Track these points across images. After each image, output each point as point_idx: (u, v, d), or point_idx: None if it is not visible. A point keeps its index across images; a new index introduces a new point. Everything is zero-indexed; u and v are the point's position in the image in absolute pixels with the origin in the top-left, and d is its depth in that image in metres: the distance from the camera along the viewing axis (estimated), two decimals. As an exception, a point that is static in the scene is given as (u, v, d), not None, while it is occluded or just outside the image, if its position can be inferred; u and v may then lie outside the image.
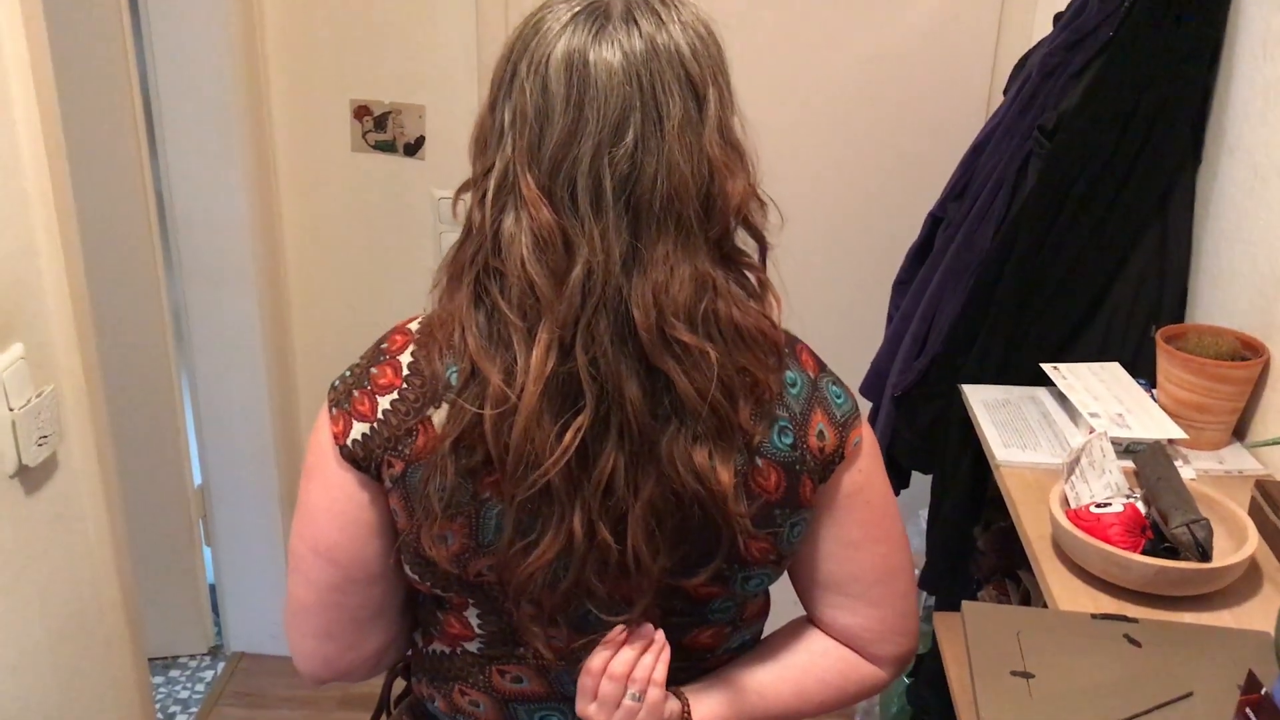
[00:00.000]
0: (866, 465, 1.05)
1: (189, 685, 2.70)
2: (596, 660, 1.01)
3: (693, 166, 0.91)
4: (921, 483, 1.95)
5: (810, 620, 1.13)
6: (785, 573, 1.09)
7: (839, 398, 1.03)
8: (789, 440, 0.98)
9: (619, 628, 1.00)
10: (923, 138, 2.30)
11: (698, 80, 0.92)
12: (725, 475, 0.94)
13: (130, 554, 1.74)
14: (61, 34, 1.54)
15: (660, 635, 1.01)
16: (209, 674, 2.74)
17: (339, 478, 1.01)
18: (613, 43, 0.90)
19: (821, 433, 1.00)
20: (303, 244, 2.51)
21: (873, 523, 1.06)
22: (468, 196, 0.97)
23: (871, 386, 2.01)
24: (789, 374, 1.00)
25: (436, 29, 2.31)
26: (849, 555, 1.06)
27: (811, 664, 1.11)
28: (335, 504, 1.02)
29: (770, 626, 1.17)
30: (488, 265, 0.94)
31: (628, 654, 1.00)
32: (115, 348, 2.24)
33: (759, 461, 0.97)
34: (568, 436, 0.92)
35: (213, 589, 2.80)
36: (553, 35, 0.91)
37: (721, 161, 0.93)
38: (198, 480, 2.67)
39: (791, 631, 1.14)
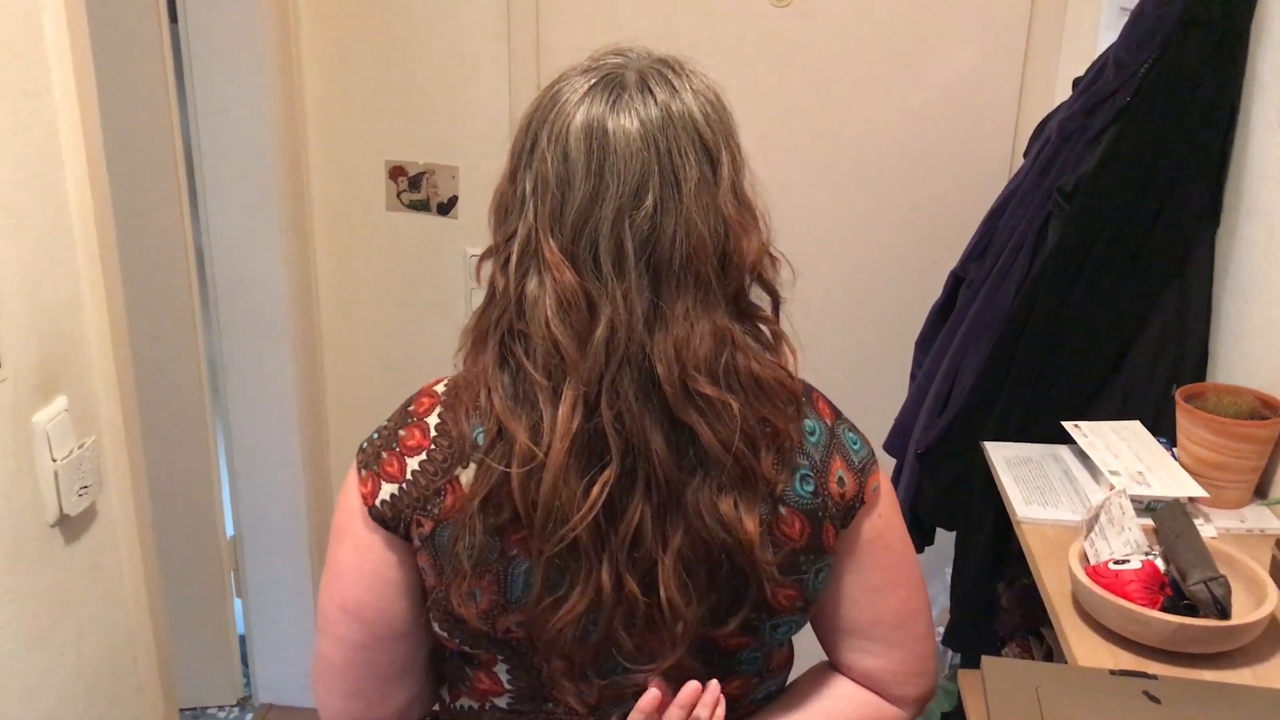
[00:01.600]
0: (885, 511, 1.07)
1: (217, 737, 2.73)
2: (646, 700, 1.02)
3: (709, 226, 0.95)
4: (945, 539, 1.96)
5: (832, 664, 1.15)
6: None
7: (856, 444, 1.05)
8: (810, 488, 1.01)
9: (653, 694, 1.01)
10: (945, 199, 2.34)
11: (711, 144, 0.96)
12: (750, 524, 0.96)
13: (165, 604, 1.77)
14: (109, 96, 1.60)
15: (715, 688, 1.03)
16: (237, 725, 2.76)
17: (368, 538, 1.03)
18: (630, 111, 0.94)
19: (841, 479, 1.02)
20: (338, 300, 2.57)
21: (893, 567, 1.08)
22: (490, 263, 1.01)
23: (895, 443, 2.02)
24: (808, 422, 1.03)
25: (470, 92, 2.37)
26: (870, 600, 1.08)
27: (836, 709, 1.12)
28: (364, 563, 1.04)
29: (793, 673, 1.19)
30: (512, 328, 0.97)
31: (677, 714, 1.01)
32: (152, 400, 2.29)
33: (782, 510, 1.00)
34: (595, 491, 0.94)
35: (242, 640, 2.82)
36: (571, 106, 0.95)
37: (736, 220, 0.97)
38: (230, 532, 2.71)
39: (814, 677, 1.16)
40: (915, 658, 1.11)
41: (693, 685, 1.02)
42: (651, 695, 1.01)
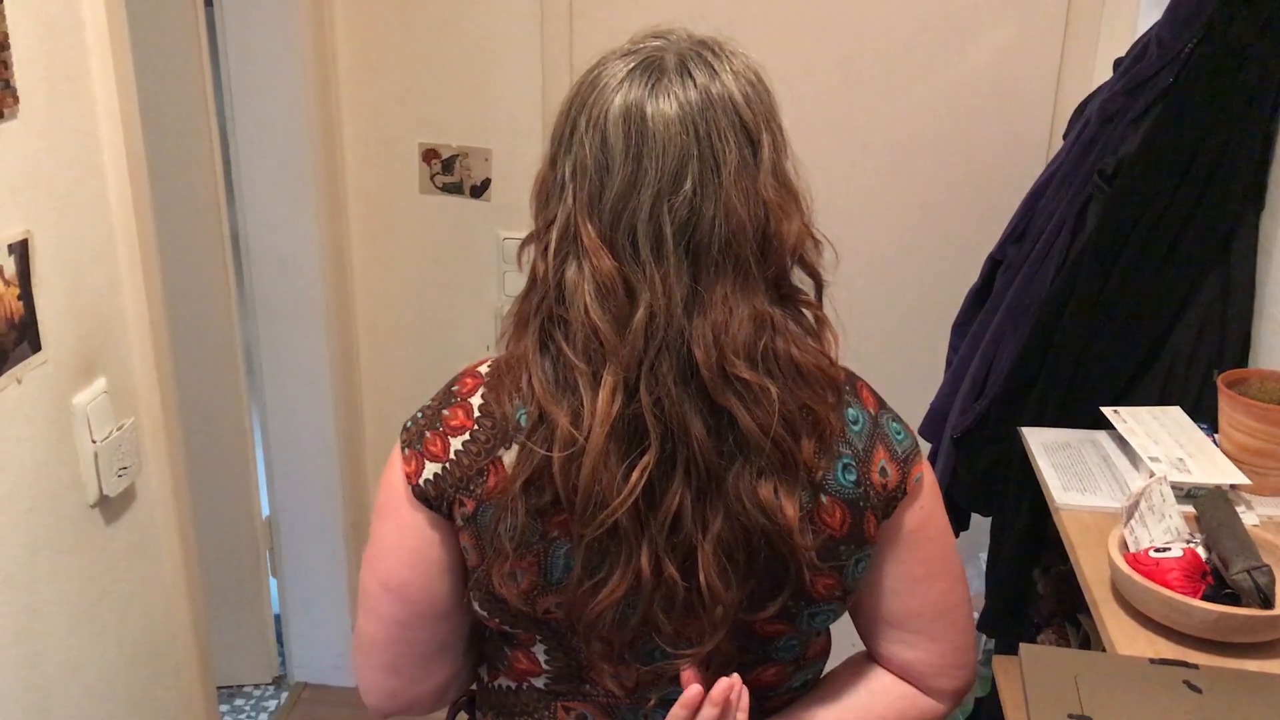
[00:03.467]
0: (928, 502, 1.06)
1: (252, 714, 2.75)
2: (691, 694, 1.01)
3: (749, 210, 0.94)
4: (981, 525, 1.95)
5: (870, 655, 1.14)
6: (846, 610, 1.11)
7: (899, 434, 1.04)
8: (853, 477, 1.00)
9: (695, 690, 1.00)
10: (983, 180, 2.31)
11: (751, 127, 0.95)
12: (790, 509, 0.96)
13: (202, 584, 1.79)
14: (145, 82, 1.61)
15: (738, 681, 1.01)
16: (272, 704, 2.79)
17: (411, 516, 1.03)
18: (668, 95, 0.94)
19: (884, 469, 1.01)
20: (371, 283, 2.58)
21: (934, 559, 1.07)
22: (532, 248, 1.01)
23: (931, 428, 2.01)
24: (850, 411, 1.02)
25: (503, 74, 2.37)
26: (911, 591, 1.07)
27: (873, 701, 1.12)
28: (406, 541, 1.04)
29: (829, 664, 1.18)
30: (552, 313, 0.97)
31: (710, 713, 1.00)
32: (189, 382, 2.31)
33: (824, 498, 0.99)
34: (634, 476, 0.94)
35: (278, 619, 2.85)
36: (610, 90, 0.95)
37: (777, 204, 0.96)
38: (265, 512, 2.73)
39: (852, 668, 1.15)
40: (954, 650, 1.10)
41: (725, 683, 1.00)
42: (694, 691, 1.00)
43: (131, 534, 1.56)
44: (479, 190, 2.46)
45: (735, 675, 1.01)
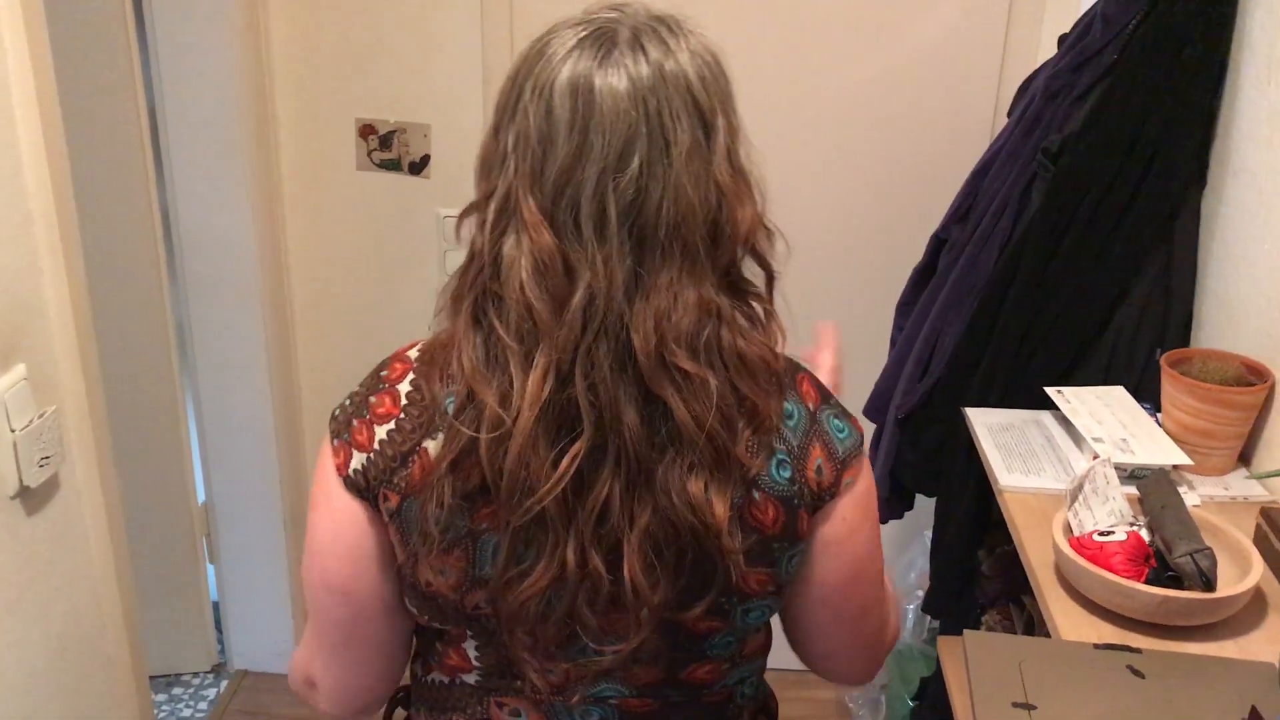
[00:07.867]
0: (855, 505, 1.02)
1: (192, 703, 2.70)
2: None
3: (701, 194, 0.90)
4: (926, 505, 1.95)
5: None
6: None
7: (841, 432, 1.01)
8: (788, 474, 0.97)
9: None
10: (926, 159, 2.30)
11: (706, 109, 0.91)
12: (720, 508, 0.93)
13: (132, 573, 1.74)
14: (66, 51, 1.55)
15: None
16: (212, 692, 2.74)
17: (345, 506, 1.00)
18: (619, 68, 0.89)
19: (820, 468, 0.99)
20: (307, 262, 2.52)
21: (856, 559, 1.05)
22: (471, 220, 0.97)
23: (875, 408, 2.00)
24: (786, 405, 0.98)
25: (442, 48, 2.31)
26: (830, 590, 1.05)
27: None
28: (342, 536, 1.01)
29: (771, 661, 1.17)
30: (487, 289, 0.93)
31: None
32: (119, 365, 2.24)
33: (756, 495, 0.96)
34: (564, 463, 0.90)
35: (216, 607, 2.80)
36: (558, 60, 0.90)
37: (731, 190, 0.92)
38: (201, 498, 2.67)
39: None
40: (862, 656, 1.13)
41: None
42: None
43: (55, 525, 1.51)
44: (418, 167, 2.41)
45: None
